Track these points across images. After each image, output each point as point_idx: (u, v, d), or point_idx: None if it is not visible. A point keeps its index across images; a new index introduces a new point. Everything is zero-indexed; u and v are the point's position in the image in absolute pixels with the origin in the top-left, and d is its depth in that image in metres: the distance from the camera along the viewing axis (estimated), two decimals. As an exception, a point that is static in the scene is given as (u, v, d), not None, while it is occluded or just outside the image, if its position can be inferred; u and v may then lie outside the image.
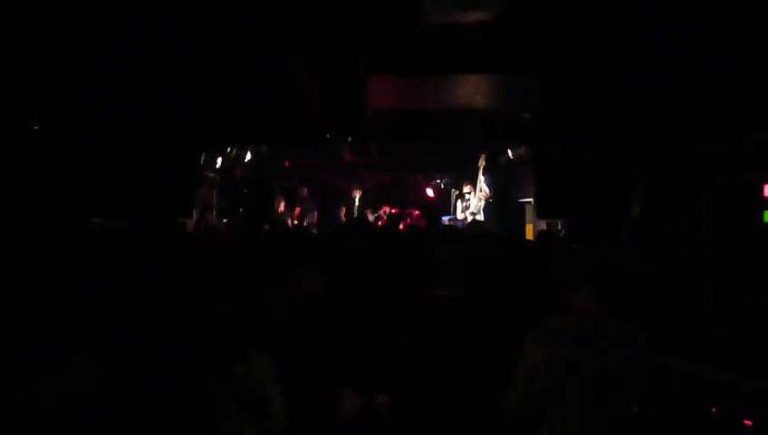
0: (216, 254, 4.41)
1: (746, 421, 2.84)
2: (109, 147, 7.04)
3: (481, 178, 10.35)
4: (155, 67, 6.06)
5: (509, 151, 10.33)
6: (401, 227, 11.20)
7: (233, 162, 10.66)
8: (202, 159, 8.75)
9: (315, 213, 11.73)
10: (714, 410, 2.97)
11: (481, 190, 10.37)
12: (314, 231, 9.99)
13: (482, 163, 10.51)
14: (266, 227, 10.31)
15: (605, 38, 5.28)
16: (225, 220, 10.75)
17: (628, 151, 7.05)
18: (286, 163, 12.78)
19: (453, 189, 11.88)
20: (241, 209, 10.93)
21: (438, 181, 13.62)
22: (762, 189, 5.27)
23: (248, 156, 10.70)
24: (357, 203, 12.15)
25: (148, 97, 6.66)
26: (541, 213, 8.26)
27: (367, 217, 11.68)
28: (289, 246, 4.14)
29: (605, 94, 6.43)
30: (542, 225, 9.01)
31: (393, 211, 12.17)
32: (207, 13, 5.06)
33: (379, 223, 11.61)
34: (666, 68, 5.49)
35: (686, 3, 4.55)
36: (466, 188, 10.71)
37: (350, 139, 9.67)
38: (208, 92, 6.93)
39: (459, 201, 10.89)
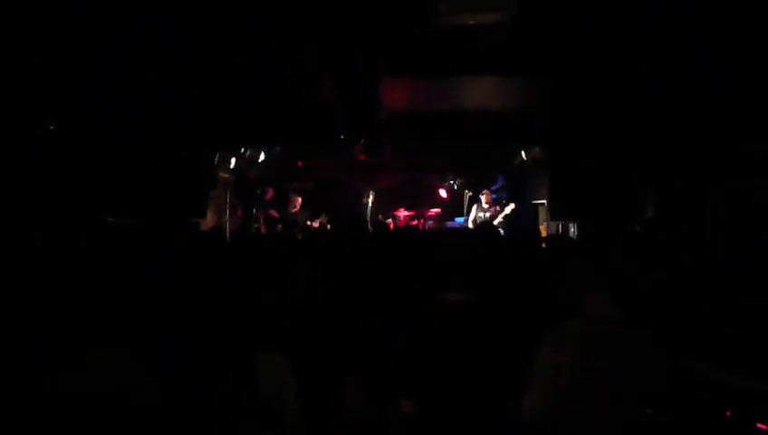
0: (227, 256, 4.42)
1: (760, 425, 2.82)
2: (123, 147, 7.09)
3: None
4: (170, 66, 6.09)
5: (522, 153, 10.31)
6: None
7: (246, 163, 10.69)
8: (216, 159, 8.78)
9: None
10: (728, 414, 2.95)
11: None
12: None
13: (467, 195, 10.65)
14: (279, 226, 10.36)
15: (615, 41, 5.26)
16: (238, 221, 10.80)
17: (641, 153, 7.01)
18: (300, 164, 12.81)
19: (466, 190, 11.86)
20: (254, 210, 10.95)
21: (452, 182, 13.60)
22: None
23: (262, 157, 10.73)
24: (370, 204, 12.16)
25: (162, 96, 6.70)
26: (554, 214, 8.23)
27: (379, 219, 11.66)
28: (288, 247, 4.15)
29: (616, 97, 6.41)
30: (556, 226, 9.00)
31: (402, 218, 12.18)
32: (223, 10, 5.08)
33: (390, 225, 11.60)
34: (674, 71, 5.47)
35: (693, 8, 4.54)
36: (483, 197, 10.66)
37: (363, 140, 9.67)
38: (223, 92, 6.96)
39: (476, 206, 10.79)
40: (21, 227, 5.82)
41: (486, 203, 10.48)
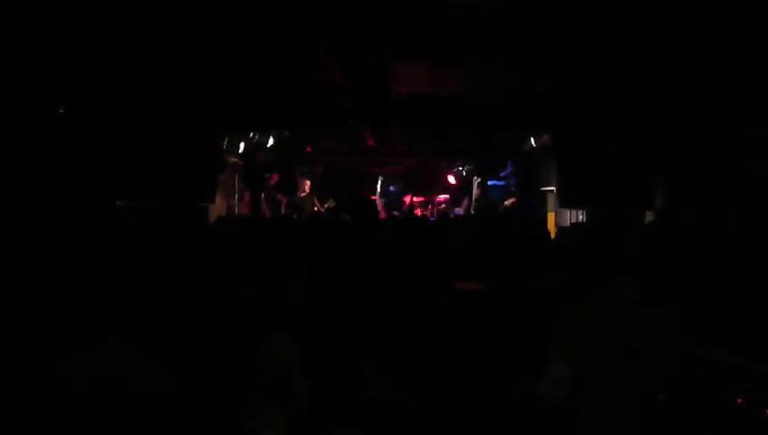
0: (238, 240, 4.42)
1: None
2: (131, 130, 7.09)
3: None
4: (179, 51, 6.08)
5: (532, 139, 10.25)
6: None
7: (255, 147, 10.68)
8: (225, 143, 8.78)
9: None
10: (739, 400, 2.94)
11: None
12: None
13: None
14: (283, 211, 10.39)
15: (626, 25, 5.20)
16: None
17: (652, 139, 6.95)
18: (308, 149, 12.78)
19: (474, 177, 11.83)
20: (263, 195, 10.95)
21: (460, 168, 13.54)
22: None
23: (270, 141, 10.72)
24: (378, 189, 12.15)
25: (172, 81, 6.69)
26: (563, 202, 8.19)
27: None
28: (304, 234, 4.14)
29: (626, 81, 6.35)
30: (565, 214, 8.96)
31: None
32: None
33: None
34: (687, 51, 5.41)
35: None
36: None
37: (372, 125, 9.63)
38: (232, 76, 6.94)
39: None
40: (32, 212, 5.84)
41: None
